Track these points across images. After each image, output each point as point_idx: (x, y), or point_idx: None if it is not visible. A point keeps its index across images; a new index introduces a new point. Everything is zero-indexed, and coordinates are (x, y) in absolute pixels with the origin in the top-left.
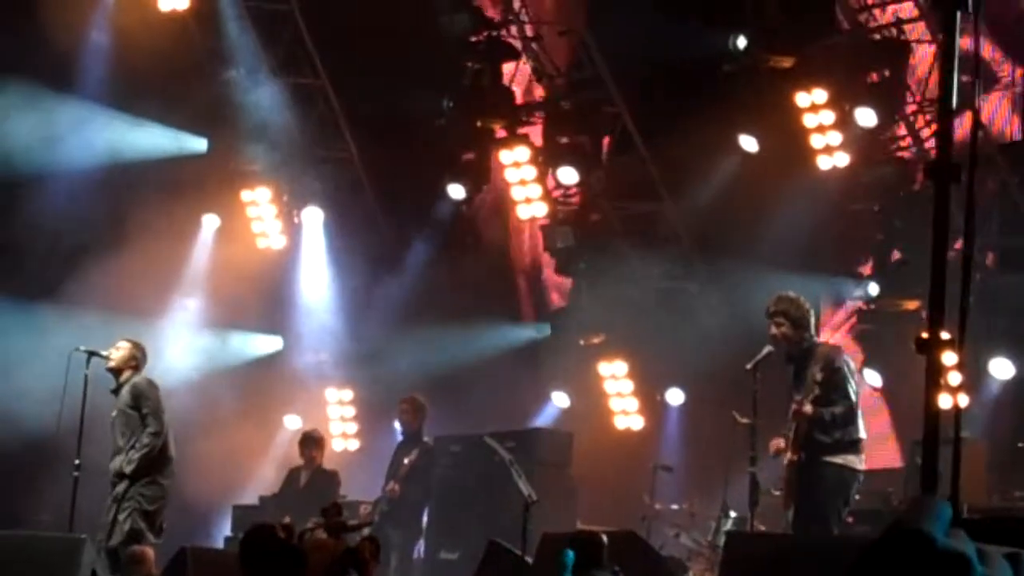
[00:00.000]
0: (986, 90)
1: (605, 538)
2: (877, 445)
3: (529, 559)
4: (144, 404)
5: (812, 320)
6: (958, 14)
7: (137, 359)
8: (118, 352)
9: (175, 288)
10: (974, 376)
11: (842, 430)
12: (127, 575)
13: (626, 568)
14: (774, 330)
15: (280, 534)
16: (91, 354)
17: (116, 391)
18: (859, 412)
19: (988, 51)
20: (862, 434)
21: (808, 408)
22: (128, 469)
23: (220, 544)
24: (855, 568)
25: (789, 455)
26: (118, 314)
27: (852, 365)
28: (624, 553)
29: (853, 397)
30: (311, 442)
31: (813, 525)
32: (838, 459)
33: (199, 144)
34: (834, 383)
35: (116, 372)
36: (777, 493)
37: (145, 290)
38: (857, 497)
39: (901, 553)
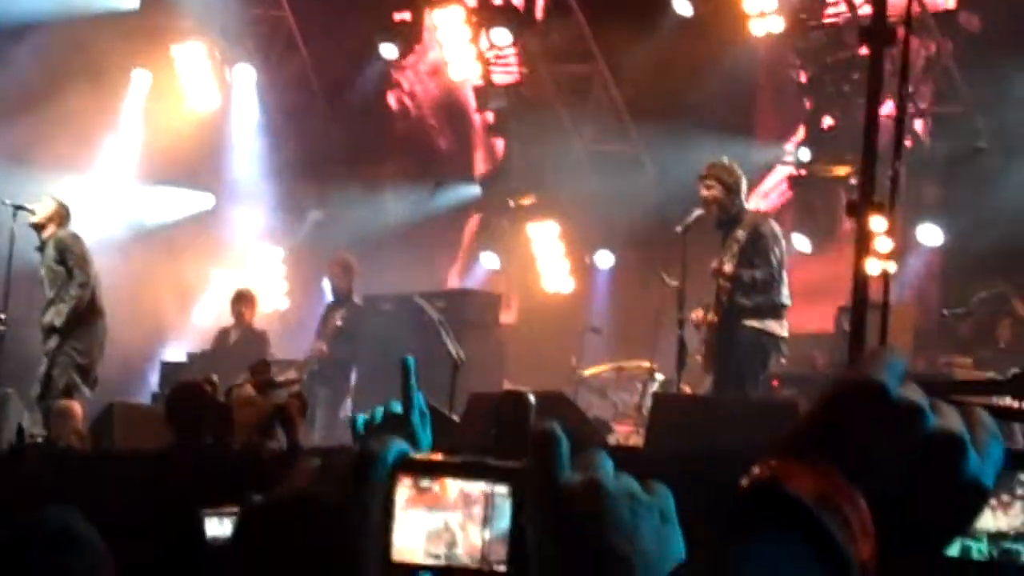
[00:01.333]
0: None
1: (532, 398)
2: (805, 310)
3: (456, 418)
4: (69, 257)
5: (744, 187)
6: None
7: (61, 215)
8: (42, 207)
9: (105, 143)
10: (902, 242)
11: (763, 294)
12: (54, 429)
13: None
14: (705, 192)
15: (206, 390)
16: (17, 208)
17: (40, 248)
18: (783, 278)
19: None
20: (785, 300)
21: (728, 267)
22: (58, 322)
23: (147, 400)
24: (807, 418)
25: (710, 316)
26: (45, 168)
27: (778, 231)
28: (551, 413)
29: (775, 263)
30: (241, 299)
31: (729, 386)
32: (757, 323)
33: (131, 0)
34: (758, 247)
35: (39, 228)
36: (699, 358)
37: (74, 145)
38: (784, 361)
39: (853, 402)
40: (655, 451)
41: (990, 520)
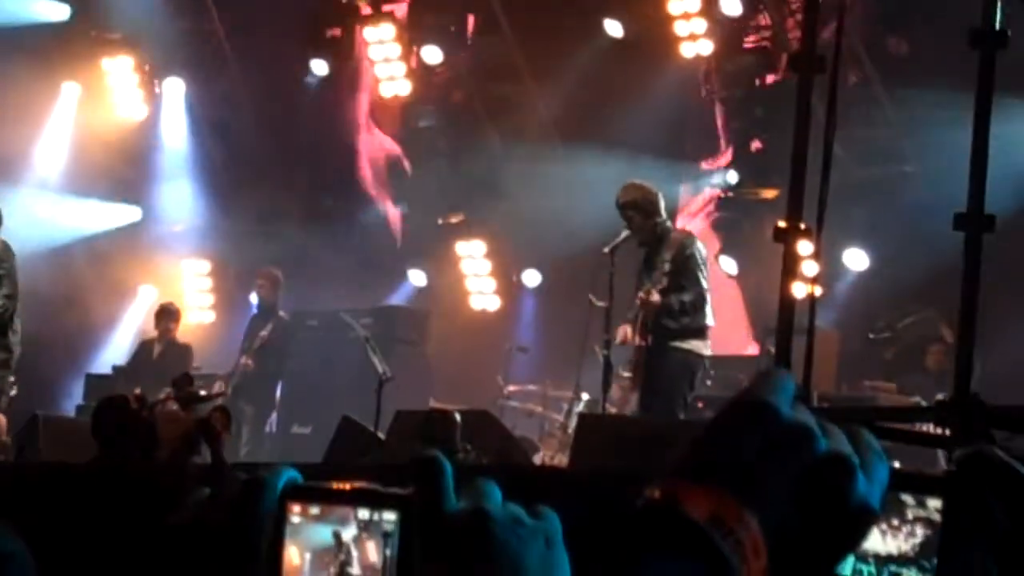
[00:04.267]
0: None
1: (458, 417)
2: (731, 332)
3: (382, 435)
4: None
5: (661, 204)
6: None
7: None
8: None
9: (33, 154)
10: (828, 266)
11: (690, 316)
12: None
13: (478, 447)
14: (626, 222)
15: (133, 406)
16: None
17: None
18: (708, 299)
19: None
20: (710, 321)
21: (655, 297)
22: None
23: (72, 412)
24: (700, 439)
25: (637, 340)
26: None
27: (704, 252)
28: (477, 432)
29: (703, 284)
30: (167, 314)
31: (658, 409)
32: (684, 344)
33: (62, 11)
34: (686, 270)
35: None
36: (627, 375)
37: (2, 155)
38: (709, 383)
39: (745, 423)
40: (580, 471)
41: (879, 543)
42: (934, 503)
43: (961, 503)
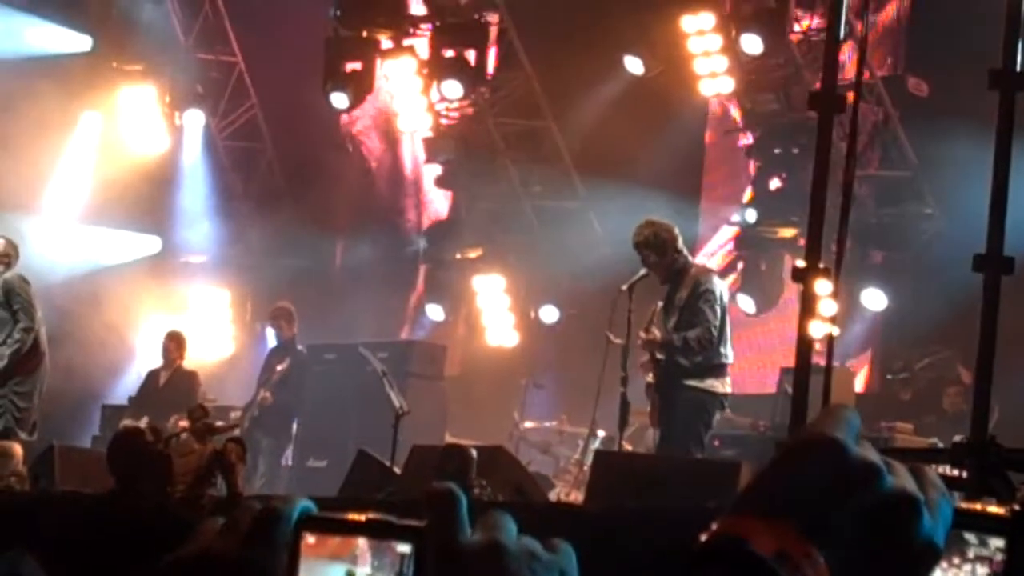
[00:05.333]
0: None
1: (474, 452)
2: (748, 371)
3: (398, 470)
4: (15, 300)
5: (679, 240)
6: None
7: (9, 256)
8: None
9: (53, 184)
10: (846, 306)
11: (702, 354)
12: None
13: (493, 483)
14: (643, 261)
15: (148, 438)
16: None
17: None
18: (725, 335)
19: None
20: (725, 359)
21: (656, 335)
22: None
23: (88, 443)
24: (763, 474)
25: (648, 378)
26: None
27: (720, 288)
28: (493, 468)
29: (714, 320)
30: (171, 340)
31: (672, 447)
32: (698, 383)
33: (83, 42)
34: (697, 307)
35: None
36: (648, 410)
37: (22, 185)
38: (727, 417)
39: (811, 459)
40: (595, 508)
41: None
42: (996, 542)
43: None
